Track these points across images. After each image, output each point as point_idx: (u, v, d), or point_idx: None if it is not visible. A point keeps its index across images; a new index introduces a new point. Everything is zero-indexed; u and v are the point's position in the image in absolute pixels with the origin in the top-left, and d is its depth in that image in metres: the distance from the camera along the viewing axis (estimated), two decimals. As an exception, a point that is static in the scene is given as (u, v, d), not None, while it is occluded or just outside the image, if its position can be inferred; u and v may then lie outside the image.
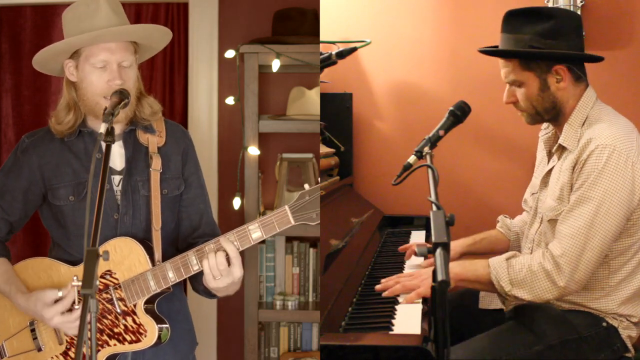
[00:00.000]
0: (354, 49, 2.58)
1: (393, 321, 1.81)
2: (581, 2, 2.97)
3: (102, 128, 1.73)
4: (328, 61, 2.57)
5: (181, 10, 3.26)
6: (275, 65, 2.90)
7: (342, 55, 2.56)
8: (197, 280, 1.95)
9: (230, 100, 3.02)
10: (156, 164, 1.98)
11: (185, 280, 1.97)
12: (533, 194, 2.30)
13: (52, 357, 1.96)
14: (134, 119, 2.00)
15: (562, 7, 2.97)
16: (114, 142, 1.76)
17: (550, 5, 2.99)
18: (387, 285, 2.03)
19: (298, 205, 1.83)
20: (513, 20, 2.12)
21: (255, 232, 1.83)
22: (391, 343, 1.65)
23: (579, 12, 2.96)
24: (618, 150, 1.96)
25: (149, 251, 1.91)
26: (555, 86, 2.10)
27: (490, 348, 2.03)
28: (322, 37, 2.96)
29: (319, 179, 3.01)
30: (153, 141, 2.00)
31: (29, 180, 1.99)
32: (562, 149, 2.13)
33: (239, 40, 3.05)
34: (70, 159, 1.98)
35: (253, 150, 2.95)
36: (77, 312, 1.85)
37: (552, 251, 1.99)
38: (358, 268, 2.27)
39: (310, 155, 3.17)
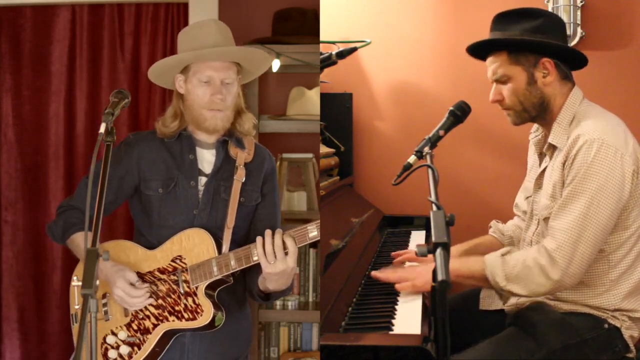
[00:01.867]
0: (354, 49, 2.58)
1: (393, 321, 1.81)
2: (581, 2, 2.97)
3: (101, 128, 1.78)
4: (328, 61, 2.57)
5: (181, 10, 3.25)
6: (275, 65, 2.89)
7: (342, 55, 2.56)
8: (252, 280, 2.12)
9: (230, 100, 3.01)
10: (240, 175, 2.16)
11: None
12: (527, 197, 2.30)
13: (116, 327, 2.13)
14: (231, 130, 2.19)
15: (562, 7, 2.98)
16: (114, 142, 1.79)
17: (550, 5, 3.00)
18: (385, 272, 2.07)
19: None
20: (502, 20, 2.15)
21: (312, 231, 1.99)
22: (391, 343, 1.66)
23: (578, 13, 2.97)
24: (606, 144, 1.97)
25: (218, 244, 2.09)
26: (542, 81, 2.11)
27: (492, 357, 2.03)
28: (322, 37, 2.96)
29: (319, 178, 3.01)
30: (242, 156, 2.19)
31: (126, 169, 2.17)
32: (552, 148, 2.14)
33: (239, 40, 3.04)
34: (166, 156, 2.17)
35: (253, 150, 2.95)
36: (134, 300, 2.06)
37: (547, 246, 1.99)
38: (358, 268, 2.27)
39: (310, 155, 3.16)
